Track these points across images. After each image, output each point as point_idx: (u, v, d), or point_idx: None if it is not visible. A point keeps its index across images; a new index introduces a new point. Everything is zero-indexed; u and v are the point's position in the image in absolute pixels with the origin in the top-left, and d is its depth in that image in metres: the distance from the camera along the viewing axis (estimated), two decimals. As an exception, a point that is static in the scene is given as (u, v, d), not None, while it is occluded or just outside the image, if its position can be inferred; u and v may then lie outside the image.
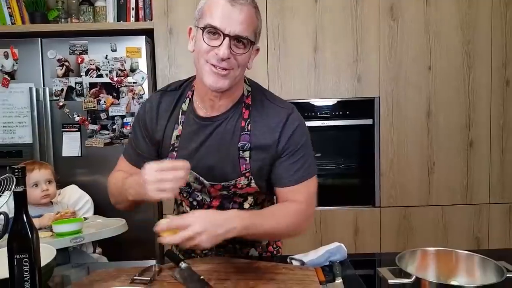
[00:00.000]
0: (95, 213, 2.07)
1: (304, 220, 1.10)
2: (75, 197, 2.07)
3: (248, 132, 1.08)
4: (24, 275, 0.95)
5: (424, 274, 0.99)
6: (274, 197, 1.22)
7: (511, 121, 2.47)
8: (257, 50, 1.08)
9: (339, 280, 1.09)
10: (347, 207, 2.47)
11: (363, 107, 2.45)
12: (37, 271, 0.96)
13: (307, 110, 2.45)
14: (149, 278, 1.06)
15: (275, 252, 1.31)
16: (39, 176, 1.81)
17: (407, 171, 2.47)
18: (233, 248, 1.23)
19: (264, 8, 2.38)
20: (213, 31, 0.97)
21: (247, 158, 1.08)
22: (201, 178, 1.11)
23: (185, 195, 1.18)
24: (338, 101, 2.45)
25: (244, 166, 1.09)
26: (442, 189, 2.48)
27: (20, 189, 0.95)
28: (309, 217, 1.12)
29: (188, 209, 1.21)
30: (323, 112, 2.45)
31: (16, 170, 0.96)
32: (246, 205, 1.18)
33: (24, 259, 0.95)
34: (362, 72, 2.43)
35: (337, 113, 2.45)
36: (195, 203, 1.18)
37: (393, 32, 2.42)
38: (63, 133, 2.31)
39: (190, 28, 1.07)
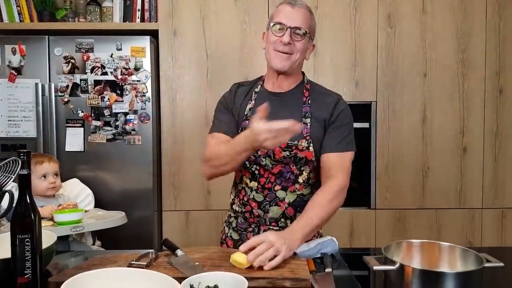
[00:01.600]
0: (96, 207, 2.11)
1: (342, 194, 1.33)
2: (76, 190, 2.11)
3: (309, 105, 1.35)
4: (26, 255, 0.99)
5: (408, 263, 1.04)
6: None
7: (504, 128, 2.53)
8: (313, 45, 1.38)
9: (328, 270, 1.14)
10: (343, 208, 2.50)
11: (360, 111, 2.51)
12: (38, 252, 1.01)
13: (306, 113, 2.51)
14: (145, 263, 1.11)
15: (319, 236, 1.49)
16: (48, 169, 1.85)
17: (402, 174, 2.52)
18: (285, 225, 1.38)
19: (266, 12, 2.46)
20: (279, 26, 1.29)
21: (308, 124, 1.32)
22: None
23: (248, 164, 1.36)
24: (335, 105, 2.51)
25: (305, 130, 1.31)
26: (436, 193, 2.53)
27: (24, 172, 1.00)
28: (343, 189, 1.34)
29: (248, 181, 1.38)
30: (321, 115, 2.51)
31: (22, 154, 1.01)
32: (300, 179, 1.35)
33: (26, 239, 0.99)
34: (359, 77, 2.50)
35: (334, 116, 2.51)
36: (256, 172, 1.36)
37: (390, 39, 2.49)
38: (67, 128, 2.36)
39: (264, 33, 1.37)
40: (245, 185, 1.38)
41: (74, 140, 2.34)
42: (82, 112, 2.36)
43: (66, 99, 2.36)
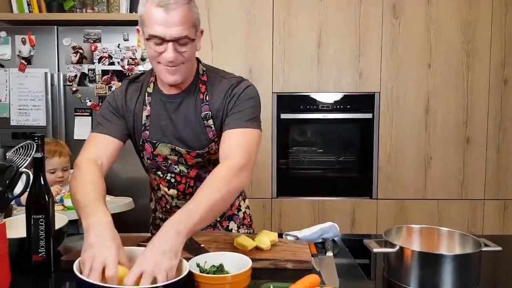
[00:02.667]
0: (103, 193, 2.16)
1: (236, 175, 1.07)
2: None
3: (207, 103, 1.21)
4: (40, 234, 1.04)
5: (408, 247, 1.07)
6: None
7: (508, 120, 2.54)
8: (201, 31, 1.17)
9: (330, 254, 1.17)
10: (346, 198, 2.55)
11: (363, 101, 2.53)
12: (52, 232, 1.06)
13: (310, 103, 2.54)
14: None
15: (249, 225, 1.44)
16: (57, 164, 1.90)
17: (405, 165, 2.54)
18: (215, 222, 1.35)
19: (271, 3, 2.48)
20: (156, 40, 1.07)
21: (212, 126, 1.21)
22: (177, 147, 1.22)
23: (161, 174, 1.27)
24: (339, 95, 2.53)
25: (211, 133, 1.22)
26: (438, 184, 2.55)
27: (39, 155, 1.04)
28: (241, 170, 1.08)
29: (166, 189, 1.29)
30: (325, 105, 2.53)
31: (36, 138, 1.05)
32: None
33: (41, 220, 1.04)
34: (363, 67, 2.51)
35: (338, 106, 2.53)
36: (172, 180, 1.27)
37: (395, 29, 2.50)
38: (75, 117, 2.41)
39: (138, 30, 1.15)
40: (164, 193, 1.30)
41: (82, 128, 2.40)
42: (90, 101, 2.41)
43: (74, 89, 2.41)
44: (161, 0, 1.04)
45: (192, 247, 1.14)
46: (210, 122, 1.21)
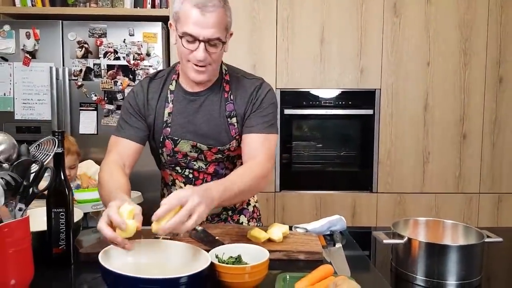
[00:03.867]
0: (110, 187, 2.19)
1: (263, 175, 1.16)
2: (91, 171, 2.19)
3: (231, 102, 1.25)
4: (60, 227, 1.08)
5: (415, 238, 1.14)
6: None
7: (503, 117, 2.62)
8: (231, 34, 1.23)
9: (339, 245, 1.23)
10: (346, 191, 2.62)
11: (364, 98, 2.59)
12: (71, 224, 1.09)
13: (312, 99, 2.59)
14: (169, 237, 1.19)
15: (258, 218, 1.48)
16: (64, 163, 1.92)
17: (404, 160, 2.61)
18: (226, 215, 1.39)
19: (275, 1, 2.51)
20: (189, 38, 1.11)
21: (235, 124, 1.26)
22: (198, 144, 1.25)
23: (180, 170, 1.31)
24: (341, 92, 2.59)
25: (234, 131, 1.26)
26: (435, 178, 2.63)
27: (59, 150, 1.08)
28: (267, 172, 1.18)
29: (182, 185, 1.32)
30: (327, 101, 2.58)
31: (57, 134, 1.09)
32: None
33: (61, 213, 1.08)
34: (365, 64, 2.56)
35: (340, 103, 2.59)
36: (190, 175, 1.31)
37: (395, 28, 2.55)
38: (81, 111, 2.43)
39: (171, 24, 1.19)
40: (179, 188, 1.32)
41: (87, 123, 2.41)
42: (95, 95, 2.43)
43: (79, 83, 2.42)
44: (199, 1, 1.08)
45: (207, 240, 1.18)
46: (234, 120, 1.25)
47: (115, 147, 1.26)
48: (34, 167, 1.01)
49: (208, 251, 0.97)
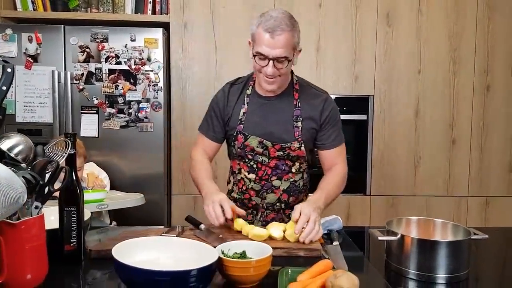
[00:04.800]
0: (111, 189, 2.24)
1: (345, 177, 1.53)
2: (93, 173, 2.23)
3: (299, 108, 1.46)
4: (72, 225, 1.13)
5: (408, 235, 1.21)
6: (306, 170, 1.58)
7: (490, 123, 2.72)
8: (299, 50, 1.42)
9: (336, 243, 1.30)
10: (341, 194, 2.67)
11: (358, 104, 2.67)
12: (82, 223, 1.14)
13: (307, 105, 2.66)
14: (175, 235, 1.25)
15: None
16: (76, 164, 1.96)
17: (396, 164, 2.70)
18: (279, 207, 1.56)
19: (273, 7, 2.58)
20: (261, 56, 1.32)
21: (300, 127, 1.45)
22: (265, 141, 1.45)
23: (246, 160, 1.51)
24: (336, 98, 2.66)
25: (297, 132, 1.45)
26: (426, 181, 2.72)
27: (72, 151, 1.13)
28: (346, 174, 1.54)
29: (246, 173, 1.53)
30: (322, 106, 2.66)
31: (69, 135, 1.14)
32: (293, 169, 1.51)
33: (73, 212, 1.13)
34: (359, 72, 2.65)
35: (334, 108, 2.66)
36: (254, 166, 1.51)
37: (388, 37, 2.65)
38: (82, 114, 2.46)
39: (250, 42, 1.40)
40: (244, 176, 1.52)
41: (89, 126, 2.45)
42: (97, 99, 2.47)
43: (81, 87, 2.46)
44: (270, 27, 1.29)
45: (211, 237, 1.24)
46: (299, 124, 1.45)
47: (201, 142, 1.57)
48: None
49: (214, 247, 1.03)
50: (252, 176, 1.50)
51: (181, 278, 0.88)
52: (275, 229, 1.27)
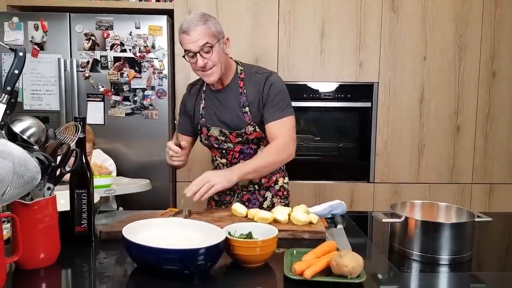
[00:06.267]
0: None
1: (284, 149, 1.50)
2: (100, 160, 2.26)
3: (245, 95, 1.55)
4: (83, 207, 1.15)
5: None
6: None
7: (495, 110, 2.71)
8: (227, 39, 1.52)
9: (340, 226, 1.32)
10: (345, 182, 2.71)
11: (363, 91, 2.67)
12: (92, 205, 1.17)
13: (312, 92, 2.67)
14: (183, 217, 1.28)
15: (284, 197, 1.70)
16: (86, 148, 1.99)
17: (400, 151, 2.71)
18: (253, 189, 1.65)
19: (277, -5, 2.58)
20: (189, 53, 1.46)
21: (248, 112, 1.55)
22: (223, 129, 1.57)
23: (216, 146, 1.63)
24: (340, 85, 2.67)
25: (247, 117, 1.55)
26: (430, 169, 2.72)
27: (82, 135, 1.15)
28: (288, 145, 1.51)
29: (219, 159, 1.65)
30: (327, 94, 2.66)
31: (79, 119, 1.16)
32: (259, 151, 1.58)
33: (83, 194, 1.15)
34: (363, 58, 2.64)
35: (339, 95, 2.67)
36: (224, 151, 1.63)
37: (393, 23, 2.63)
38: (88, 102, 2.49)
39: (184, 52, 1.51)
40: (218, 162, 1.66)
41: (95, 113, 2.48)
42: (102, 87, 2.49)
43: (87, 75, 2.48)
44: (184, 27, 1.43)
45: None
46: (247, 109, 1.55)
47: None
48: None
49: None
50: (223, 160, 1.63)
51: (190, 256, 0.91)
52: (280, 212, 1.29)
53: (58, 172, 1.07)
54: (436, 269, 1.04)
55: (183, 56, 1.49)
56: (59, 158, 1.09)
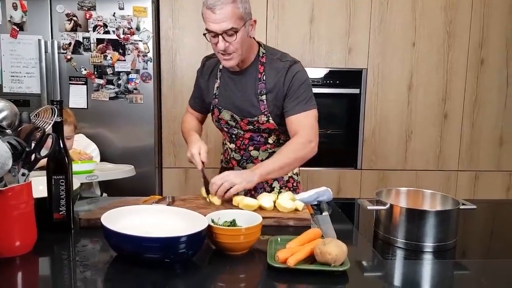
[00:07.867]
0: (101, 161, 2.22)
1: (306, 145, 1.42)
2: (83, 145, 2.20)
3: (264, 81, 1.45)
4: (61, 194, 1.11)
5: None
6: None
7: (483, 98, 2.73)
8: (254, 21, 1.40)
9: (325, 214, 1.31)
10: (332, 168, 2.71)
11: (351, 77, 2.65)
12: (71, 191, 1.13)
13: (300, 78, 2.63)
14: (166, 204, 1.26)
15: (293, 189, 1.62)
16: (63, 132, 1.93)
17: (387, 138, 2.71)
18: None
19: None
20: (211, 33, 1.34)
21: (264, 101, 1.45)
22: (234, 115, 1.49)
23: (226, 130, 1.57)
24: (329, 71, 2.64)
25: (262, 106, 1.46)
26: (417, 156, 2.74)
27: (59, 119, 1.10)
28: (310, 141, 1.43)
29: (228, 143, 1.60)
30: (315, 80, 2.63)
31: (56, 102, 1.11)
32: (270, 140, 1.53)
33: (61, 180, 1.11)
34: (352, 44, 2.61)
35: (328, 81, 2.64)
36: (234, 137, 1.56)
37: (383, 8, 2.60)
38: (70, 85, 2.41)
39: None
40: (227, 146, 1.60)
41: (77, 97, 2.41)
42: (85, 70, 2.41)
43: (69, 57, 2.40)
44: (211, 3, 1.30)
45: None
46: (263, 97, 1.45)
47: (189, 112, 1.69)
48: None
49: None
50: (232, 145, 1.57)
51: (171, 244, 0.88)
52: (266, 199, 1.27)
53: (33, 158, 1.02)
54: (420, 257, 1.03)
55: (204, 34, 1.35)
56: (34, 143, 1.05)
